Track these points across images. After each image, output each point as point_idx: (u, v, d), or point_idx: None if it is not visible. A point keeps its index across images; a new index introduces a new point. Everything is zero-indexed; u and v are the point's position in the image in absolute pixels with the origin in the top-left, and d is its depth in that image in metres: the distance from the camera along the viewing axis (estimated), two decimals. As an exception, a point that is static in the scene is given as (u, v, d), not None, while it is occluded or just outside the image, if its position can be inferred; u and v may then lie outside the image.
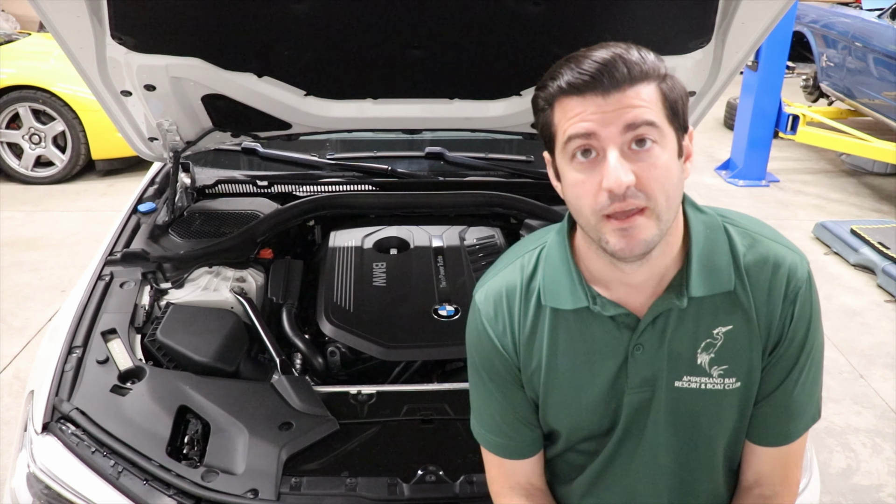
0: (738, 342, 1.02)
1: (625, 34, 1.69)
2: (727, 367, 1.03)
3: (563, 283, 1.05)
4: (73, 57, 1.68)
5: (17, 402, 2.87)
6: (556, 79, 0.94)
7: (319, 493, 1.30)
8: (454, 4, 1.58)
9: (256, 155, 2.51)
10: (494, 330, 1.10)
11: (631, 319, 1.03)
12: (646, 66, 0.92)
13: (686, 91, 0.99)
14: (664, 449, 1.09)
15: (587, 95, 0.91)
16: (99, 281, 1.77)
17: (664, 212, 0.93)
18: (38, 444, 1.33)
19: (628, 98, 0.91)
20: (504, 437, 1.15)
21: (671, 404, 1.06)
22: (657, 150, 0.92)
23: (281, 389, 1.55)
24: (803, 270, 1.03)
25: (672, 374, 1.04)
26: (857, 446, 2.77)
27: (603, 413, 1.09)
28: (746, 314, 1.02)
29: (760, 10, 1.62)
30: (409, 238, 2.16)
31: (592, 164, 0.93)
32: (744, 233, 1.05)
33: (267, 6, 1.58)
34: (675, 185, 0.95)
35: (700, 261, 1.01)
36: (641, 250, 0.94)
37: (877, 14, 6.19)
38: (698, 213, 1.05)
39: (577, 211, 0.97)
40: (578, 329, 1.06)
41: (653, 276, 1.02)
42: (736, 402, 1.06)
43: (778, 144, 6.05)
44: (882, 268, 4.04)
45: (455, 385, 1.61)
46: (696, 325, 1.02)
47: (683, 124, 0.98)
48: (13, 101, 5.18)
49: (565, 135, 0.94)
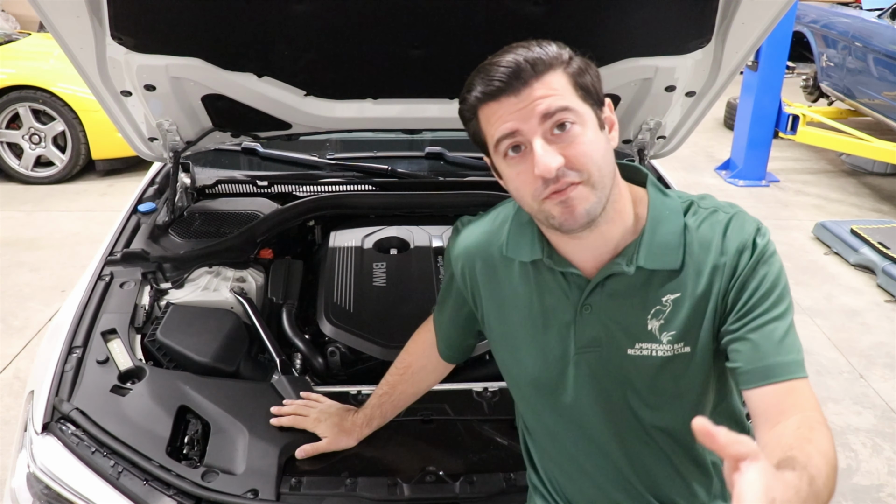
0: (686, 307, 1.06)
1: (625, 34, 1.72)
2: (675, 333, 1.07)
3: (524, 236, 1.16)
4: (73, 57, 1.68)
5: (17, 402, 2.87)
6: (471, 90, 1.03)
7: (319, 493, 1.30)
8: (454, 4, 1.58)
9: (256, 155, 2.51)
10: (464, 262, 1.24)
11: (581, 280, 1.10)
12: (547, 57, 0.99)
13: (593, 66, 1.05)
14: (611, 416, 1.13)
15: (501, 99, 1.00)
16: (99, 281, 1.77)
17: (598, 181, 1.00)
18: (38, 444, 1.33)
19: (537, 91, 0.98)
20: (440, 326, 1.39)
21: (622, 372, 1.10)
22: (577, 129, 0.99)
23: (281, 389, 1.55)
24: (751, 226, 1.05)
25: (625, 341, 1.09)
26: (857, 446, 2.77)
27: (551, 367, 1.15)
28: (695, 280, 1.05)
29: (760, 10, 1.62)
30: (410, 238, 2.16)
31: (524, 157, 1.01)
32: (702, 209, 1.09)
33: (267, 6, 1.58)
34: (602, 155, 1.01)
35: (652, 236, 1.07)
36: (584, 220, 1.01)
37: (877, 14, 6.19)
38: (661, 195, 1.11)
39: (521, 201, 1.07)
40: (536, 283, 1.15)
41: (605, 243, 1.08)
42: (685, 368, 1.08)
43: (778, 144, 6.05)
44: (882, 268, 4.04)
45: (455, 385, 1.62)
46: (645, 292, 1.08)
47: (598, 99, 1.04)
48: (13, 101, 5.18)
49: (493, 138, 1.02)
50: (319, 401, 1.51)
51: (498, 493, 1.32)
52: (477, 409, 1.55)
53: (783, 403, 0.98)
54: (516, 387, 1.25)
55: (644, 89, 1.90)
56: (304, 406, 1.49)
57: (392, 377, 1.45)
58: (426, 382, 1.46)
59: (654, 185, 1.12)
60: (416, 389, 1.46)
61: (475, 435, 1.48)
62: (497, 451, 1.44)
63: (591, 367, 1.12)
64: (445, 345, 1.40)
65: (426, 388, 1.47)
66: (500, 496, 1.32)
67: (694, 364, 1.08)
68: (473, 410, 1.54)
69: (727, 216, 1.07)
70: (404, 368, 1.44)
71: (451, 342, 1.39)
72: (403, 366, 1.44)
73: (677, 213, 1.09)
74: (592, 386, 1.13)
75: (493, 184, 2.41)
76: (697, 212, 1.09)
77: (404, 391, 1.45)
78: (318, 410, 1.47)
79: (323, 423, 1.44)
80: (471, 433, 1.49)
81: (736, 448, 0.71)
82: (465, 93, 1.04)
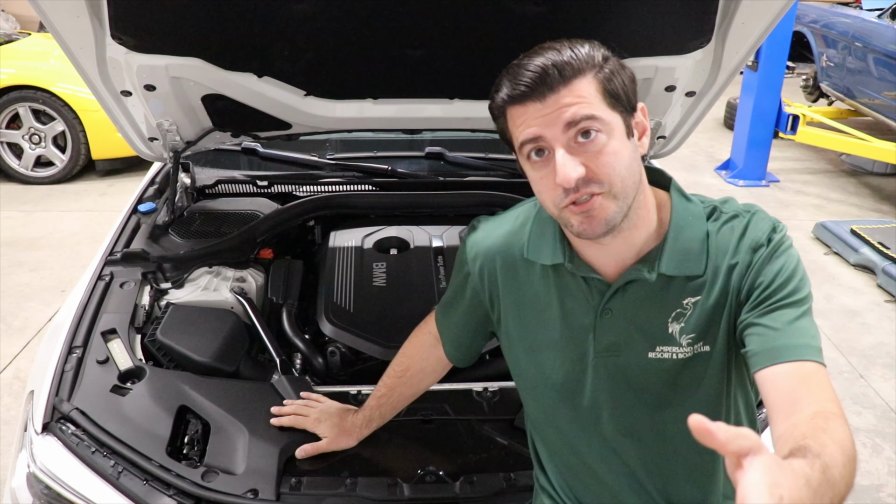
0: (706, 310, 1.06)
1: (625, 34, 1.72)
2: (694, 335, 1.07)
3: (546, 239, 1.14)
4: (73, 57, 1.68)
5: (17, 402, 2.87)
6: (498, 91, 1.02)
7: (319, 493, 1.30)
8: (454, 4, 1.58)
9: (256, 155, 2.51)
10: (483, 261, 1.23)
11: (602, 284, 1.09)
12: (577, 62, 0.97)
13: (629, 70, 1.03)
14: (628, 418, 1.12)
15: (526, 103, 0.98)
16: (99, 281, 1.77)
17: (620, 191, 0.99)
18: (38, 444, 1.33)
19: (563, 98, 0.96)
20: (447, 328, 1.36)
21: (642, 375, 1.10)
22: (602, 138, 0.97)
23: (281, 389, 1.55)
24: (766, 224, 1.05)
25: (645, 345, 1.08)
26: (857, 446, 2.74)
27: (569, 370, 1.14)
28: (713, 284, 1.05)
29: (760, 10, 1.62)
30: (410, 238, 2.16)
31: (547, 162, 1.00)
32: (725, 216, 1.08)
33: (267, 6, 1.58)
34: (627, 166, 0.99)
35: (675, 243, 1.06)
36: (603, 229, 1.00)
37: (877, 14, 6.19)
38: (684, 200, 1.10)
39: (543, 204, 1.06)
40: (557, 286, 1.14)
41: (628, 248, 1.07)
42: (705, 367, 1.08)
43: (778, 144, 6.05)
44: (882, 268, 4.04)
45: (455, 385, 1.62)
46: (665, 296, 1.07)
47: (630, 104, 1.02)
48: (13, 101, 5.18)
49: (518, 141, 1.01)
50: (319, 401, 1.51)
51: (498, 493, 1.32)
52: (477, 409, 1.55)
53: (797, 390, 0.92)
54: (531, 388, 1.23)
55: (644, 89, 1.90)
56: (304, 406, 1.49)
57: (390, 379, 1.44)
58: (425, 383, 1.46)
59: (677, 190, 1.12)
60: (415, 391, 1.46)
61: (475, 435, 1.48)
62: (497, 451, 1.44)
63: (609, 370, 1.12)
64: (454, 347, 1.38)
65: (425, 389, 1.47)
66: (500, 496, 1.32)
67: (713, 362, 1.08)
68: (473, 410, 1.55)
69: (745, 220, 1.06)
70: (402, 371, 1.43)
71: (460, 344, 1.37)
72: (401, 369, 1.43)
73: (700, 218, 1.08)
74: (611, 389, 1.12)
75: (493, 184, 2.43)
76: (719, 217, 1.08)
77: (403, 393, 1.44)
78: (318, 411, 1.47)
79: (323, 424, 1.44)
80: (471, 433, 1.49)
81: (737, 443, 0.65)
82: (494, 92, 1.03)
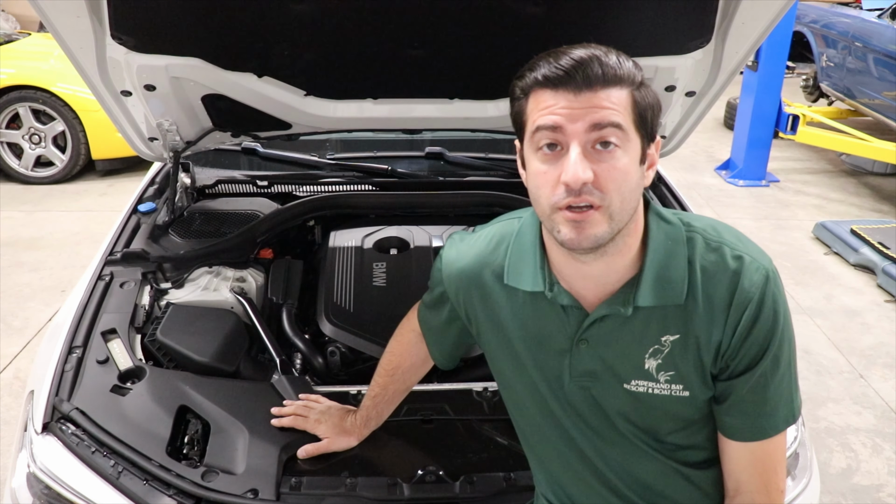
0: (685, 350, 1.04)
1: (624, 34, 1.71)
2: (673, 374, 1.05)
3: (527, 264, 1.12)
4: (73, 57, 1.68)
5: (17, 402, 2.87)
6: (533, 70, 0.98)
7: (319, 493, 1.30)
8: (454, 4, 1.58)
9: (256, 155, 2.51)
10: (458, 285, 1.22)
11: (580, 314, 1.08)
12: (621, 70, 0.95)
13: (659, 103, 1.02)
14: (607, 441, 1.13)
15: (559, 90, 0.95)
16: (99, 281, 1.77)
17: (617, 212, 0.97)
18: (38, 444, 1.33)
19: (598, 98, 0.94)
20: (431, 332, 1.37)
21: (617, 403, 1.10)
22: (619, 153, 0.95)
23: (281, 389, 1.55)
24: (759, 276, 1.02)
25: (623, 376, 1.08)
26: (857, 446, 2.77)
27: (546, 390, 1.14)
28: (695, 324, 1.03)
29: (760, 10, 1.62)
30: (409, 238, 2.16)
31: (556, 157, 0.96)
32: (707, 243, 1.05)
33: (267, 6, 1.58)
34: (632, 190, 0.98)
35: (653, 272, 1.04)
36: (590, 244, 0.97)
37: (877, 14, 6.19)
38: (662, 222, 1.07)
39: (536, 200, 1.02)
40: (533, 310, 1.12)
41: (610, 273, 1.05)
42: (683, 408, 1.08)
43: (778, 144, 6.05)
44: (882, 268, 4.04)
45: (455, 385, 1.62)
46: (644, 330, 1.05)
47: (651, 133, 1.01)
48: (13, 101, 5.18)
49: (534, 125, 0.97)
50: (319, 401, 1.52)
51: (498, 493, 1.32)
52: (477, 409, 1.55)
53: (743, 474, 1.07)
54: (514, 400, 1.23)
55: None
56: (304, 407, 1.49)
57: (382, 378, 1.45)
58: (416, 377, 1.47)
59: (655, 213, 1.08)
60: (408, 385, 1.48)
61: (475, 435, 1.48)
62: (497, 451, 1.44)
63: (584, 395, 1.11)
64: (438, 351, 1.39)
65: (417, 381, 1.49)
66: (500, 496, 1.32)
67: (692, 406, 1.08)
68: (473, 410, 1.55)
69: (735, 262, 1.02)
70: (393, 369, 1.44)
71: (443, 350, 1.39)
72: (391, 367, 1.44)
73: (679, 243, 1.05)
74: (585, 412, 1.12)
75: (493, 184, 2.43)
76: (701, 244, 1.05)
77: (396, 389, 1.46)
78: (318, 411, 1.47)
79: (323, 424, 1.44)
80: (471, 433, 1.49)
81: None
82: (527, 70, 0.99)
